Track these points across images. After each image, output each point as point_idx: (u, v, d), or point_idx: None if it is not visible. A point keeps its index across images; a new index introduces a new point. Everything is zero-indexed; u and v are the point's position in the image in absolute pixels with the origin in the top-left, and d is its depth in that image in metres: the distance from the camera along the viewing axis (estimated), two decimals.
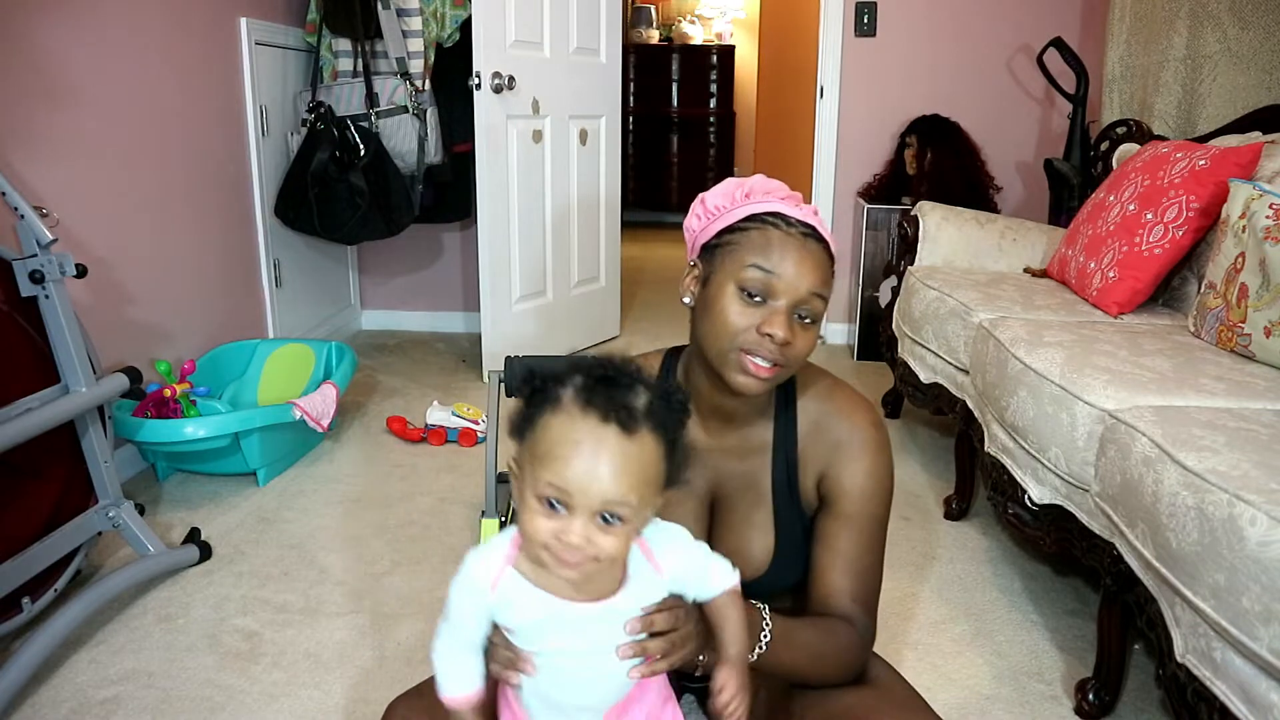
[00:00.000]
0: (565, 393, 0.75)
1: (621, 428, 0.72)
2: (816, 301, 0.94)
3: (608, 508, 0.72)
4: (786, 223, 0.95)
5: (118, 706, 1.49)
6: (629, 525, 0.74)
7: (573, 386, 0.75)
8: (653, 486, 0.75)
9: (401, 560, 1.98)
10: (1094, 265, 2.17)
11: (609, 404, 0.73)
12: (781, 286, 0.92)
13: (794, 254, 0.93)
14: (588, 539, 0.72)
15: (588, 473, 0.72)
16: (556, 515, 0.73)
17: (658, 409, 0.75)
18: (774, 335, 0.91)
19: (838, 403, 1.05)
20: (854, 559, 1.02)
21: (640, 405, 0.74)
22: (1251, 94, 2.51)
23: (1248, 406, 1.46)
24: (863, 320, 3.50)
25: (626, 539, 0.75)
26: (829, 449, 1.03)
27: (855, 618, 1.01)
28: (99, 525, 1.82)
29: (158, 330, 2.51)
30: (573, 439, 0.72)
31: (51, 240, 1.67)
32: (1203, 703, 1.17)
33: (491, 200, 3.01)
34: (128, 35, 2.36)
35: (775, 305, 0.93)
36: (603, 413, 0.72)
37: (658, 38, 6.82)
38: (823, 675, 1.00)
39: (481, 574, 0.80)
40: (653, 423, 0.74)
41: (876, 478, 1.02)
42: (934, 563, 2.00)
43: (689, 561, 0.83)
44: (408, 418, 2.72)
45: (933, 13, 3.47)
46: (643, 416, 0.74)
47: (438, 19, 3.10)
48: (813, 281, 0.93)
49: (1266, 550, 1.05)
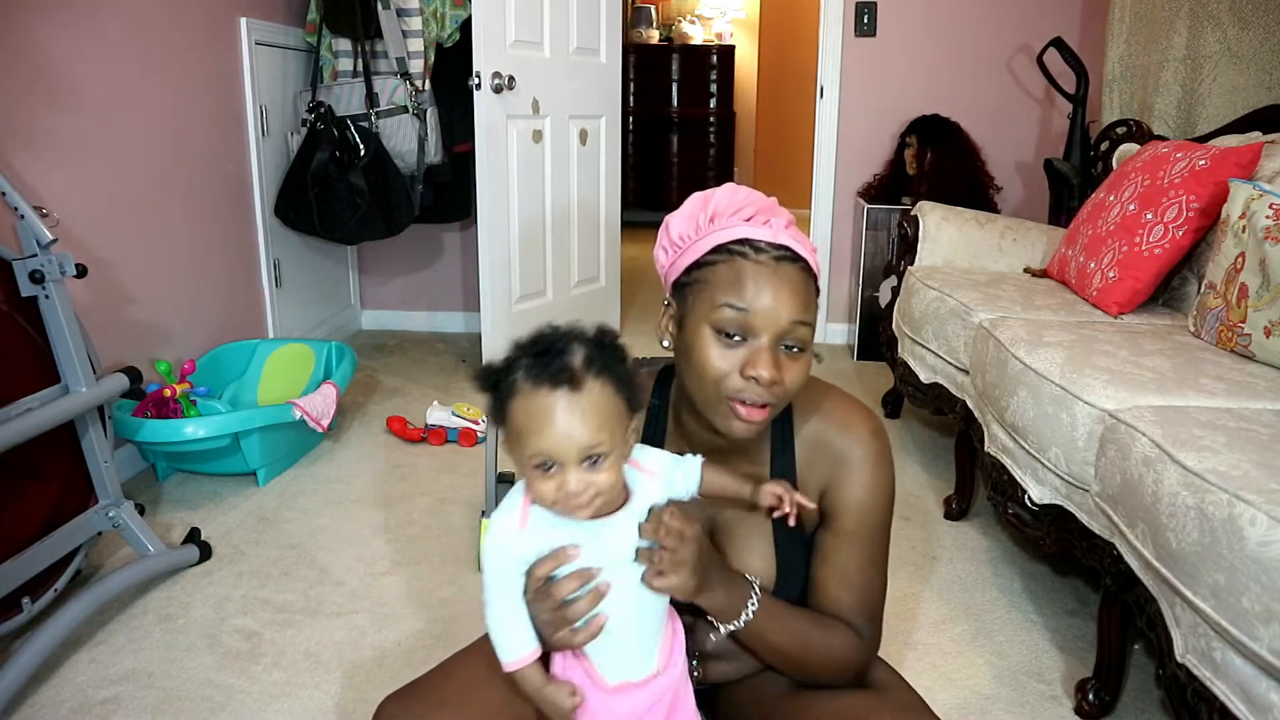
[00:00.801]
0: (517, 377, 0.83)
1: (570, 387, 0.81)
2: (800, 330, 0.89)
3: (586, 453, 0.82)
4: (756, 250, 0.90)
5: (118, 706, 1.49)
6: (613, 456, 0.83)
7: (521, 369, 0.83)
8: (617, 420, 0.84)
9: (401, 560, 1.98)
10: (1094, 265, 2.17)
11: (552, 373, 0.81)
12: (759, 323, 0.88)
13: (767, 285, 0.88)
14: (584, 483, 0.82)
15: (559, 434, 0.81)
16: (551, 474, 0.82)
17: (595, 357, 0.83)
18: (760, 377, 0.87)
19: (835, 416, 1.02)
20: (853, 573, 1.00)
21: (578, 362, 0.82)
22: (1251, 94, 2.51)
23: (1248, 406, 1.46)
24: (863, 320, 3.50)
25: (616, 468, 0.85)
26: (828, 465, 1.01)
27: (858, 626, 1.01)
28: (99, 525, 1.82)
29: (158, 330, 2.51)
30: (535, 412, 0.82)
31: (51, 240, 1.67)
32: (1203, 703, 1.17)
33: (491, 200, 3.01)
34: (128, 35, 2.36)
35: (756, 344, 0.89)
36: (551, 381, 0.81)
37: (658, 38, 6.82)
38: (813, 666, 1.00)
39: (509, 521, 0.88)
40: (594, 370, 0.83)
41: (877, 491, 1.00)
42: (934, 563, 2.00)
43: (663, 460, 0.94)
44: (408, 418, 2.72)
45: (933, 13, 3.47)
46: (582, 370, 0.82)
47: (438, 19, 3.11)
48: (792, 310, 0.88)
49: (1266, 550, 1.05)
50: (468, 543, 2.05)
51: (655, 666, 0.92)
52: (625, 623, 0.89)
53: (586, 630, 0.86)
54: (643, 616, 0.90)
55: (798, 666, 1.00)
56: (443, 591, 1.85)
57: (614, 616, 0.88)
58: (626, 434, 0.86)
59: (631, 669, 0.91)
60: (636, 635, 0.91)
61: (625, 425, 0.85)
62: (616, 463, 0.84)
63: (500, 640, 0.88)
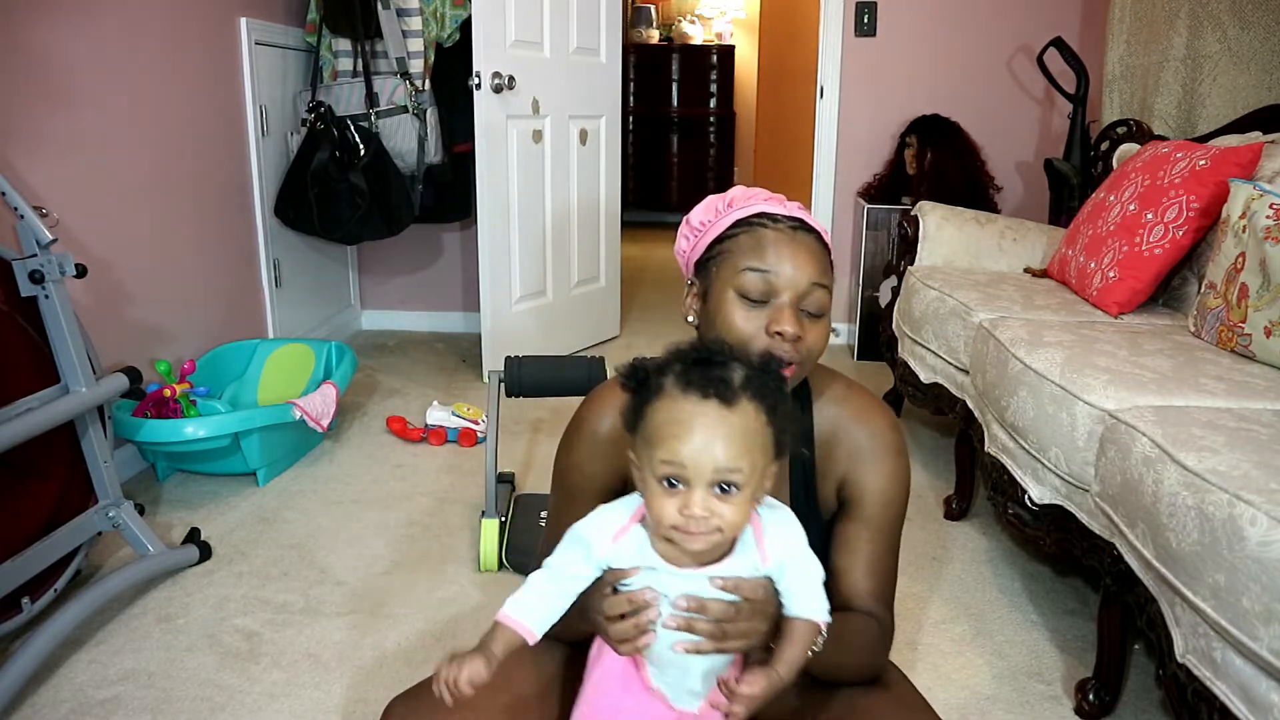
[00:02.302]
0: (667, 380, 0.80)
1: (721, 401, 0.77)
2: (819, 292, 0.93)
3: (721, 476, 0.77)
4: (774, 220, 0.95)
5: (118, 706, 1.49)
6: (745, 492, 0.78)
7: (672, 374, 0.80)
8: (761, 452, 0.79)
9: (401, 560, 1.98)
10: (1094, 265, 2.17)
11: (707, 381, 0.78)
12: (780, 283, 0.92)
13: (787, 249, 0.93)
14: (709, 509, 0.77)
15: (697, 446, 0.76)
16: (677, 492, 0.78)
17: (754, 380, 0.80)
18: (785, 332, 0.91)
19: (855, 407, 1.04)
20: (875, 560, 1.01)
21: (736, 379, 0.79)
22: (1251, 94, 2.51)
23: (1248, 406, 1.46)
24: (863, 320, 3.50)
25: (744, 507, 0.79)
26: (848, 455, 1.02)
27: (880, 616, 1.01)
28: (99, 525, 1.82)
29: (158, 330, 2.51)
30: (678, 418, 0.78)
31: (51, 240, 1.67)
32: (1203, 703, 1.17)
33: (491, 200, 3.01)
34: (128, 35, 2.36)
35: (779, 303, 0.92)
36: (702, 390, 0.77)
37: (658, 38, 6.82)
38: (853, 670, 1.00)
39: (609, 522, 0.85)
40: (750, 392, 0.79)
41: (898, 481, 1.02)
42: (934, 563, 2.00)
43: (793, 552, 0.85)
44: (408, 418, 2.72)
45: (933, 13, 3.47)
46: (739, 388, 0.78)
47: (438, 19, 3.11)
48: (811, 272, 0.92)
49: (1267, 550, 1.05)
50: (468, 543, 2.05)
51: (695, 708, 0.88)
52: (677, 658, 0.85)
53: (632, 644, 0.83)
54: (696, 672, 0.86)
55: (841, 672, 0.99)
56: (443, 591, 1.85)
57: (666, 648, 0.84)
58: (765, 472, 0.80)
59: (673, 693, 0.88)
60: (683, 672, 0.86)
61: (766, 462, 0.80)
62: (747, 499, 0.79)
63: (523, 597, 0.85)
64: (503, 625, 0.84)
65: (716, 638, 0.82)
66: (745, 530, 0.83)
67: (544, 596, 0.85)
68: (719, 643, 0.82)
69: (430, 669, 0.85)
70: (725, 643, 0.82)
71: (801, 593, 0.85)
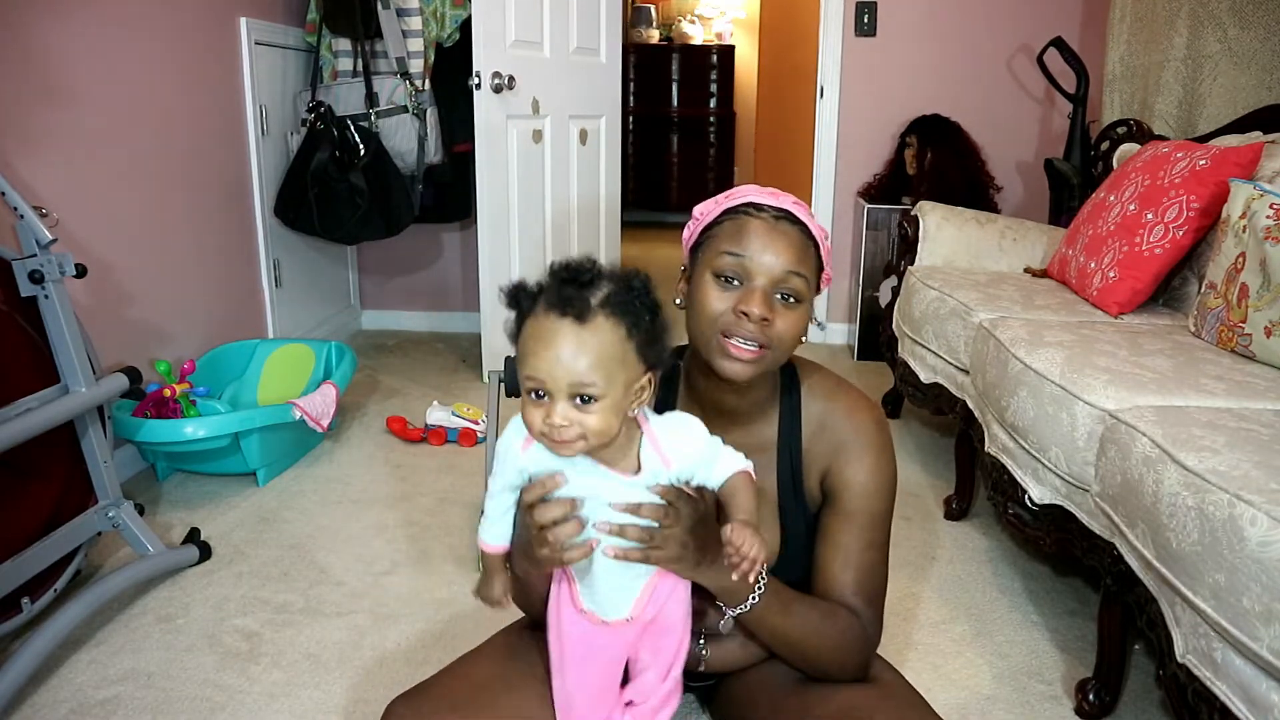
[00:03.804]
0: (539, 297, 0.85)
1: (576, 318, 0.82)
2: (794, 280, 0.95)
3: (577, 389, 0.82)
4: (758, 209, 0.98)
5: (117, 706, 1.49)
6: (605, 401, 0.83)
7: (548, 287, 0.85)
8: (619, 365, 0.84)
9: (401, 560, 1.98)
10: (1094, 265, 2.17)
11: (565, 300, 0.82)
12: (754, 267, 0.95)
13: (764, 235, 0.96)
14: (570, 419, 0.83)
15: (552, 360, 0.82)
16: (541, 403, 0.84)
17: (614, 296, 0.84)
18: (750, 313, 0.94)
19: (841, 401, 1.06)
20: (856, 554, 1.03)
21: (595, 297, 0.83)
22: (1252, 94, 2.51)
23: (1248, 406, 1.46)
24: (863, 320, 3.50)
25: (607, 415, 0.84)
26: (833, 447, 1.04)
27: (859, 611, 1.02)
28: (99, 525, 1.82)
29: (158, 330, 2.51)
30: (539, 335, 0.83)
31: (51, 240, 1.67)
32: (1203, 703, 1.17)
33: (491, 200, 3.01)
34: (128, 35, 2.36)
35: (751, 286, 0.96)
36: (560, 309, 0.82)
37: (658, 38, 6.82)
38: (818, 656, 1.00)
39: (516, 437, 0.92)
40: (608, 309, 0.83)
41: (879, 475, 1.04)
42: (934, 563, 2.00)
43: (696, 451, 0.91)
44: (408, 418, 2.72)
45: (933, 13, 3.47)
46: (597, 306, 0.83)
47: (438, 19, 3.11)
48: (787, 260, 0.95)
49: (1267, 550, 1.05)
50: (468, 543, 2.05)
51: (626, 614, 0.94)
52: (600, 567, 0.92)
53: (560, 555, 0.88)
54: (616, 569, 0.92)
55: (801, 654, 1.01)
56: (443, 591, 1.85)
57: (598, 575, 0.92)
58: (630, 385, 0.85)
59: (601, 607, 0.94)
60: (609, 581, 0.93)
61: (629, 375, 0.85)
62: (610, 409, 0.84)
63: (485, 524, 0.96)
64: (487, 553, 0.97)
65: (645, 542, 0.87)
66: (645, 444, 0.90)
67: (496, 520, 0.96)
68: (648, 548, 0.87)
69: (431, 669, 0.86)
70: (653, 550, 0.87)
71: (718, 466, 0.92)
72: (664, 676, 1.00)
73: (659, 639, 0.99)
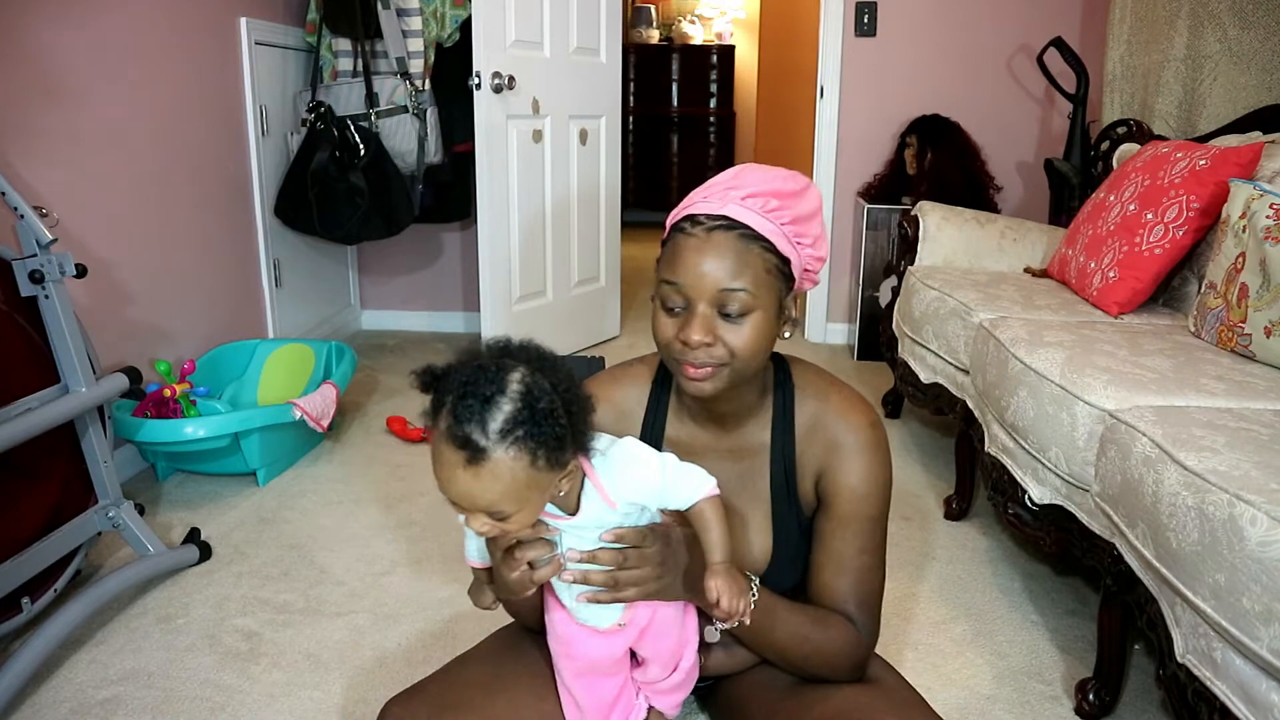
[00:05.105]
0: (442, 412, 0.81)
1: (469, 460, 0.79)
2: (732, 297, 0.92)
3: (493, 513, 0.83)
4: (694, 223, 0.94)
5: (117, 706, 1.49)
6: (521, 514, 0.84)
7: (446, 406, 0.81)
8: (528, 486, 0.82)
9: (401, 560, 1.98)
10: (1094, 265, 2.17)
11: (462, 436, 0.79)
12: (690, 293, 0.93)
13: (693, 257, 0.92)
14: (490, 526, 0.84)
15: (458, 492, 0.82)
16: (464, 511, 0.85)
17: (515, 421, 0.79)
18: (688, 340, 0.92)
19: (834, 403, 1.04)
20: (849, 559, 1.02)
21: (493, 428, 0.79)
22: (1252, 94, 2.51)
23: (1248, 406, 1.46)
24: (863, 320, 3.50)
25: (526, 520, 0.85)
26: (826, 449, 1.03)
27: (853, 616, 1.01)
28: (99, 525, 1.82)
29: (158, 330, 2.51)
30: (441, 463, 0.81)
31: (51, 240, 1.67)
32: (1203, 703, 1.17)
33: (491, 200, 3.01)
34: (128, 35, 2.36)
35: (691, 312, 0.93)
36: (458, 442, 0.79)
37: (658, 38, 6.82)
38: (806, 662, 1.00)
39: None
40: (507, 442, 0.79)
41: (872, 479, 1.02)
42: (934, 563, 2.00)
43: (647, 483, 0.89)
44: (408, 418, 2.72)
45: (933, 13, 3.47)
46: (495, 440, 0.79)
47: (438, 19, 3.10)
48: (718, 278, 0.92)
49: (1267, 550, 1.05)
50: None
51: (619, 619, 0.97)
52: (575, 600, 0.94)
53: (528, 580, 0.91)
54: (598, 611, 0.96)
55: (790, 660, 1.01)
56: (443, 591, 1.85)
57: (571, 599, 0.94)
58: (547, 490, 0.85)
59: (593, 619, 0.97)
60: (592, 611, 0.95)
61: (544, 487, 0.84)
62: (528, 516, 0.85)
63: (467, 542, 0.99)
64: (474, 568, 1.01)
65: (610, 586, 0.89)
66: (588, 486, 0.89)
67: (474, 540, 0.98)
68: (614, 591, 0.90)
69: (430, 669, 0.86)
70: (620, 591, 0.89)
71: (678, 492, 0.90)
72: (669, 671, 1.01)
73: (657, 641, 0.99)
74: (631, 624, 0.96)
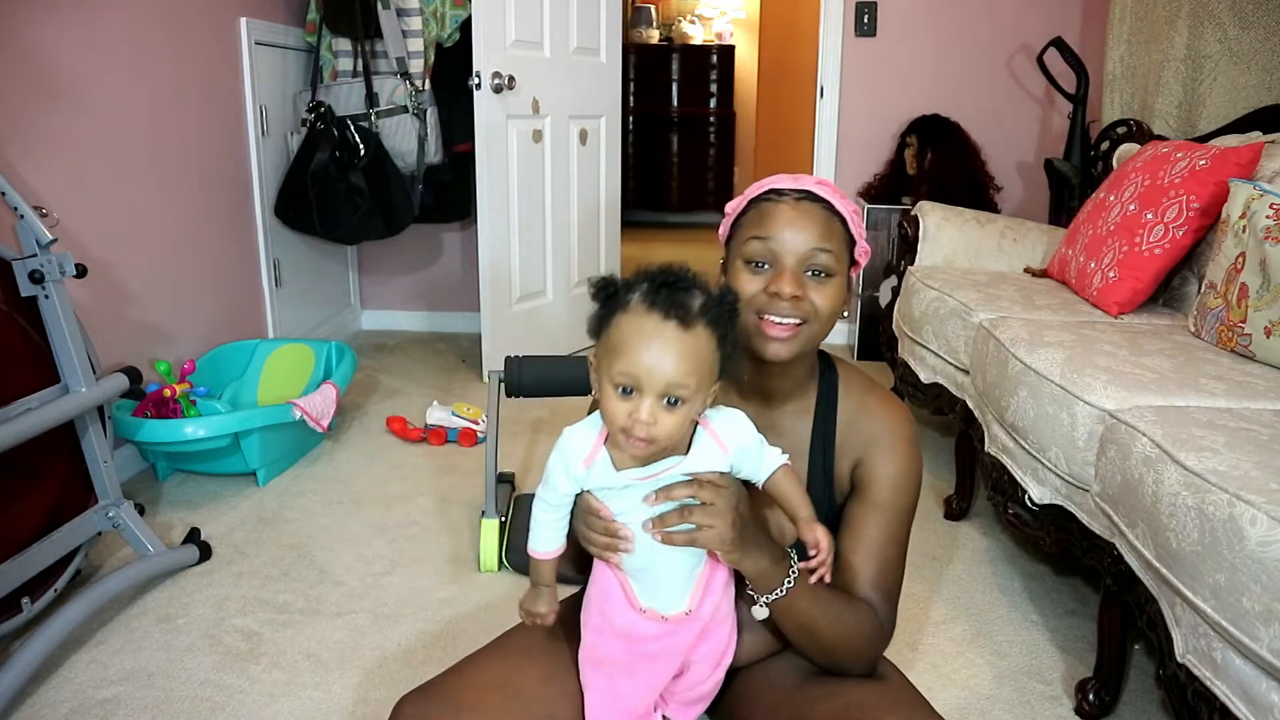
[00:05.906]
0: (633, 297, 0.87)
1: (680, 323, 0.85)
2: (821, 255, 0.98)
3: (670, 390, 0.85)
4: (780, 194, 1.01)
5: (117, 706, 1.49)
6: (687, 406, 0.86)
7: (639, 291, 0.87)
8: (707, 372, 0.87)
9: (401, 560, 1.98)
10: (1094, 265, 2.17)
11: (669, 304, 0.85)
12: (780, 249, 0.99)
13: (786, 217, 0.99)
14: (654, 416, 0.85)
15: (653, 360, 0.84)
16: (629, 399, 0.86)
17: (711, 307, 0.87)
18: (781, 291, 0.97)
19: (876, 397, 1.09)
20: (878, 547, 1.04)
21: (695, 305, 0.86)
22: (1252, 94, 2.51)
23: (1248, 406, 1.46)
24: (863, 320, 3.50)
25: (683, 419, 0.87)
26: (865, 440, 1.07)
27: (875, 604, 1.03)
28: (99, 525, 1.82)
29: (158, 330, 2.51)
30: (640, 333, 0.85)
31: (51, 240, 1.67)
32: (1203, 703, 1.17)
33: (491, 200, 3.01)
34: (128, 35, 2.36)
35: (780, 267, 0.99)
36: (664, 311, 0.85)
37: (658, 38, 6.82)
38: (836, 646, 1.01)
39: (580, 446, 0.93)
40: (706, 319, 0.86)
41: (907, 470, 1.06)
42: (934, 563, 2.00)
43: (748, 439, 0.94)
44: (408, 418, 2.72)
45: (933, 13, 3.47)
46: (697, 314, 0.86)
47: (438, 19, 3.10)
48: (810, 236, 0.98)
49: (1267, 550, 1.05)
50: (468, 543, 2.05)
51: (685, 606, 0.96)
52: (657, 560, 0.94)
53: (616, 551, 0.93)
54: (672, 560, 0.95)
55: (822, 643, 1.01)
56: (443, 591, 1.85)
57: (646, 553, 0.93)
58: (708, 392, 0.89)
59: (661, 602, 0.96)
60: (668, 574, 0.95)
61: (710, 382, 0.88)
62: (689, 413, 0.87)
63: (536, 531, 0.97)
64: (539, 560, 0.98)
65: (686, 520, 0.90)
66: (701, 432, 0.92)
67: (550, 526, 0.97)
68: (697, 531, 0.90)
69: (431, 669, 0.86)
70: (701, 532, 0.90)
71: (767, 454, 0.96)
72: (715, 666, 1.02)
73: (716, 630, 1.00)
74: (697, 612, 0.96)
